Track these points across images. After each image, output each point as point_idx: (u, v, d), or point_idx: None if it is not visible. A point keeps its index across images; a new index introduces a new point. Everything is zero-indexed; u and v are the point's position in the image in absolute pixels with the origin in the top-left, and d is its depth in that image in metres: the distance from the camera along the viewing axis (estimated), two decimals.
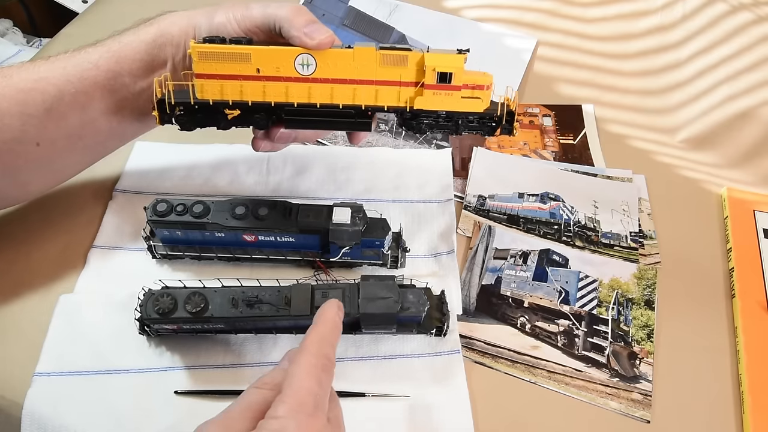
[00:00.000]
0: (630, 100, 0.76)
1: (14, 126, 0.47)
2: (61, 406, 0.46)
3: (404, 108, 0.47)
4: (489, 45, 0.79)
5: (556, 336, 0.54)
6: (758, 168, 0.69)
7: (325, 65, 0.45)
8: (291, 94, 0.46)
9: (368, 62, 0.45)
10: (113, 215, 0.58)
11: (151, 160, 0.63)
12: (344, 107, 0.46)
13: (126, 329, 0.49)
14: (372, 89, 0.46)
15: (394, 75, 0.46)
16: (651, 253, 0.61)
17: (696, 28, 0.83)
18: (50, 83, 0.48)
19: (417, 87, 0.46)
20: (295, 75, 0.45)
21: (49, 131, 0.48)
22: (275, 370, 0.38)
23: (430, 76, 0.45)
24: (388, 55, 0.45)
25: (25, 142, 0.48)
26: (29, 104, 0.47)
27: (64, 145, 0.50)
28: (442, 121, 0.48)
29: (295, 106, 0.46)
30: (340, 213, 0.51)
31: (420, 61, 0.45)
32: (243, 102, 0.46)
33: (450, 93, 0.46)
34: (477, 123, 0.48)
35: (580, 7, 0.85)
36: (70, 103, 0.48)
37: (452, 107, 0.47)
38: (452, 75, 0.45)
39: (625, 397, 0.51)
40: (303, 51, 0.45)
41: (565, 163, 0.68)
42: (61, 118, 0.48)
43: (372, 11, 0.82)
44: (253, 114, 0.47)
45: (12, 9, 1.18)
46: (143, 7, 0.81)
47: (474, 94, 0.46)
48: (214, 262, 0.56)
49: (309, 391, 0.35)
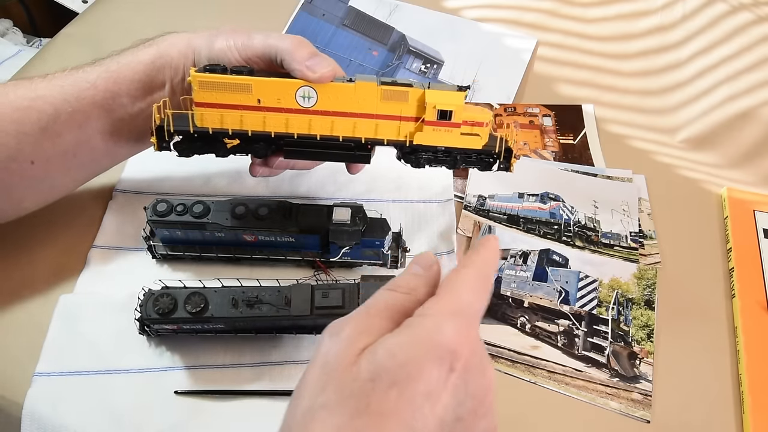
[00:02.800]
0: (630, 100, 0.76)
1: (9, 144, 0.47)
2: (61, 406, 0.46)
3: (404, 142, 0.47)
4: (489, 45, 0.79)
5: (556, 336, 0.54)
6: (758, 168, 0.69)
7: (326, 98, 0.45)
8: (291, 125, 0.46)
9: (369, 96, 0.45)
10: (113, 215, 0.58)
11: (152, 161, 0.63)
12: (344, 140, 0.47)
13: (126, 329, 0.49)
14: (372, 123, 0.46)
15: (394, 110, 0.46)
16: (651, 253, 0.61)
17: (696, 28, 0.83)
18: (47, 102, 0.47)
19: (417, 123, 0.46)
20: (296, 107, 0.45)
21: (45, 149, 0.48)
22: (407, 276, 0.35)
23: (430, 113, 0.45)
24: (389, 90, 0.45)
25: (20, 160, 0.47)
26: (25, 122, 0.47)
27: (59, 163, 0.50)
28: (441, 156, 0.48)
29: (295, 137, 0.46)
30: (340, 213, 0.51)
31: (421, 97, 0.45)
32: (243, 132, 0.46)
33: (449, 130, 0.46)
34: (475, 158, 0.49)
35: (580, 7, 0.85)
36: (67, 121, 0.48)
37: (451, 143, 0.47)
38: (452, 113, 0.45)
39: (625, 397, 0.51)
40: (304, 83, 0.45)
41: (565, 163, 0.68)
42: (57, 136, 0.48)
43: (372, 11, 0.82)
44: (253, 143, 0.47)
45: (12, 9, 1.18)
46: (142, 8, 0.81)
47: (473, 130, 0.46)
48: (214, 262, 0.56)
49: (469, 302, 0.32)
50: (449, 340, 0.30)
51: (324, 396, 0.29)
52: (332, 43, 0.79)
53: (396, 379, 0.28)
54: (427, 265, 0.35)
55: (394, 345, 0.29)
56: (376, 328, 0.31)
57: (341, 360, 0.30)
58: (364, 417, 0.28)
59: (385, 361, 0.29)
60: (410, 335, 0.30)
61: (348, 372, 0.29)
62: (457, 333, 0.30)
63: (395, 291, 0.34)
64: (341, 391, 0.29)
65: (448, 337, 0.30)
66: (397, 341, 0.30)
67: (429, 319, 0.31)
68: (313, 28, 0.80)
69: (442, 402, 0.29)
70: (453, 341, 0.30)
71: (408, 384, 0.28)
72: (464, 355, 0.30)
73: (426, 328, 0.30)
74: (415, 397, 0.28)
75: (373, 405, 0.28)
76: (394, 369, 0.29)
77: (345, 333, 0.31)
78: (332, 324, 0.32)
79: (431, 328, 0.30)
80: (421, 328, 0.30)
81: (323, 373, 0.30)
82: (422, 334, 0.30)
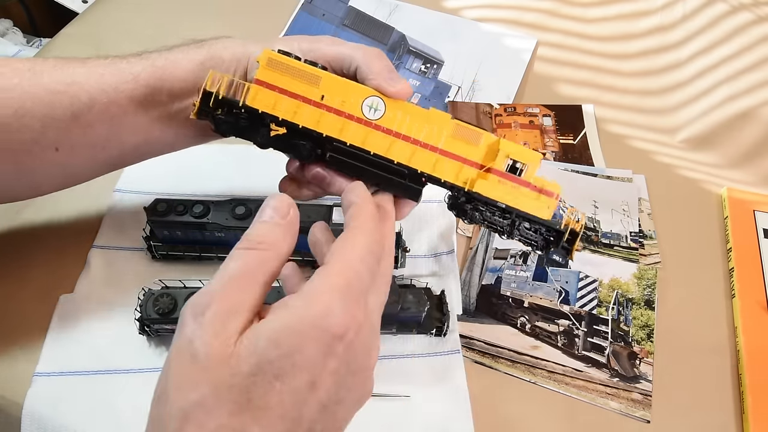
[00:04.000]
0: (630, 100, 0.76)
1: (34, 127, 0.44)
2: (61, 406, 0.46)
3: (462, 188, 0.42)
4: (489, 45, 0.79)
5: (556, 336, 0.54)
6: (758, 168, 0.69)
7: (394, 116, 0.41)
8: (346, 132, 0.41)
9: (440, 128, 0.41)
10: (113, 215, 0.58)
11: (152, 160, 0.63)
12: (398, 164, 0.41)
13: (126, 329, 0.49)
14: (433, 156, 0.41)
15: (461, 150, 0.42)
16: (651, 253, 0.61)
17: (696, 28, 0.83)
18: (83, 89, 0.45)
19: (482, 170, 0.41)
20: (359, 115, 0.41)
21: (72, 138, 0.46)
22: (264, 226, 0.32)
23: (500, 161, 0.41)
24: (462, 127, 0.41)
25: (44, 145, 0.45)
26: (56, 107, 0.44)
27: (85, 153, 0.47)
28: (498, 215, 0.42)
29: (347, 145, 0.41)
30: (340, 213, 0.51)
31: (494, 144, 0.41)
32: (294, 123, 0.42)
33: (517, 187, 0.41)
34: (533, 231, 0.42)
35: (580, 7, 0.85)
36: (101, 112, 0.45)
37: (515, 203, 0.41)
38: (526, 168, 0.41)
39: (625, 397, 0.51)
40: (375, 94, 0.41)
41: (565, 163, 0.68)
42: (88, 126, 0.45)
43: (372, 11, 0.82)
44: (298, 139, 0.42)
45: (12, 9, 1.18)
46: (142, 8, 0.81)
47: (540, 198, 0.41)
48: (214, 262, 0.56)
49: (359, 275, 0.30)
50: (338, 324, 0.28)
51: (197, 392, 0.26)
52: None
53: (280, 372, 0.27)
54: (284, 211, 0.33)
55: (278, 333, 0.28)
56: (245, 304, 0.29)
57: (214, 351, 0.27)
58: (246, 413, 0.26)
59: (268, 353, 0.27)
60: (296, 319, 0.28)
61: (224, 365, 0.27)
62: (345, 315, 0.29)
63: (256, 249, 0.31)
64: (218, 387, 0.26)
65: (336, 321, 0.28)
66: (281, 327, 0.28)
67: (317, 300, 0.29)
68: (313, 28, 0.80)
69: (325, 387, 0.28)
70: (341, 325, 0.28)
71: (293, 375, 0.27)
72: (350, 337, 0.29)
73: (313, 312, 0.28)
74: (300, 388, 0.27)
75: (254, 399, 0.27)
76: (279, 360, 0.27)
77: (211, 313, 0.28)
78: (193, 300, 0.29)
79: (319, 313, 0.28)
80: (308, 312, 0.28)
81: (194, 367, 0.27)
82: (309, 318, 0.28)
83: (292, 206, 0.34)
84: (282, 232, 0.32)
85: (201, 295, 0.29)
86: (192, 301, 0.29)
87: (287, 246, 0.32)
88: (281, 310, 0.29)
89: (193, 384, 0.27)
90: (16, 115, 0.44)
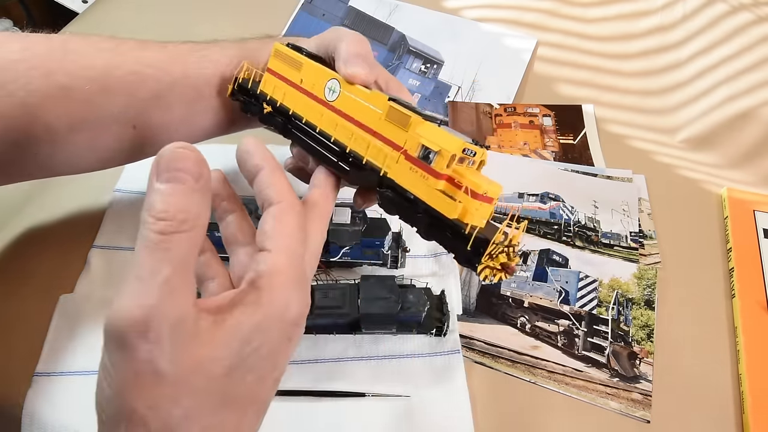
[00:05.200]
0: (630, 100, 0.76)
1: (118, 105, 0.46)
2: (61, 406, 0.46)
3: (379, 170, 0.39)
4: (489, 45, 0.79)
5: (556, 336, 0.54)
6: (758, 168, 0.69)
7: (345, 98, 0.42)
8: (307, 110, 0.44)
9: (376, 110, 0.40)
10: (113, 215, 0.58)
11: (152, 160, 0.63)
12: (333, 142, 0.41)
13: None
14: (368, 138, 0.40)
15: (390, 133, 0.39)
16: (651, 253, 0.61)
17: (696, 28, 0.83)
18: (166, 72, 0.47)
19: (399, 152, 0.38)
20: (321, 96, 0.43)
21: (152, 117, 0.47)
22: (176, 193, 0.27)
23: (413, 146, 0.37)
24: (394, 109, 0.39)
25: (123, 123, 0.47)
26: (140, 88, 0.46)
27: (158, 132, 0.48)
28: (407, 206, 0.37)
29: (302, 122, 0.44)
30: (340, 213, 0.51)
31: (414, 126, 0.37)
32: (274, 101, 0.46)
33: (426, 176, 0.36)
34: (448, 235, 0.35)
35: (580, 7, 0.85)
36: (180, 95, 0.48)
37: (420, 194, 0.36)
38: (435, 155, 0.35)
39: (625, 397, 0.51)
40: (335, 76, 0.43)
41: (565, 163, 0.68)
42: (167, 107, 0.47)
43: (372, 11, 0.82)
44: (277, 115, 0.46)
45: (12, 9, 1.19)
46: (142, 8, 0.81)
47: (452, 192, 0.35)
48: None
49: (301, 258, 0.32)
50: (296, 313, 0.30)
51: (179, 407, 0.26)
52: None
53: (252, 366, 0.29)
54: (197, 172, 0.28)
55: (249, 333, 0.28)
56: (189, 302, 0.26)
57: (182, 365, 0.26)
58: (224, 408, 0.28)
59: (241, 351, 0.28)
60: (262, 318, 0.29)
61: (198, 374, 0.27)
62: (300, 303, 0.31)
63: (182, 232, 0.26)
64: (197, 395, 0.27)
65: (295, 311, 0.30)
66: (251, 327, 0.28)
67: (278, 297, 0.30)
68: (313, 28, 0.80)
69: (282, 365, 0.31)
70: (299, 313, 0.31)
71: (261, 365, 0.29)
72: (302, 319, 0.31)
73: (276, 308, 0.29)
74: (264, 374, 0.30)
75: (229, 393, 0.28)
76: (249, 356, 0.28)
77: (160, 330, 0.25)
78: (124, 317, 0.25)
79: (281, 308, 0.30)
80: (272, 309, 0.29)
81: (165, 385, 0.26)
82: (274, 315, 0.29)
83: (200, 159, 0.28)
84: (201, 197, 0.28)
85: (134, 309, 0.25)
86: (123, 318, 0.25)
87: (208, 210, 0.28)
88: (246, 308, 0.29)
89: (172, 400, 0.26)
90: (101, 92, 0.45)
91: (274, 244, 0.31)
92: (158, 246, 0.26)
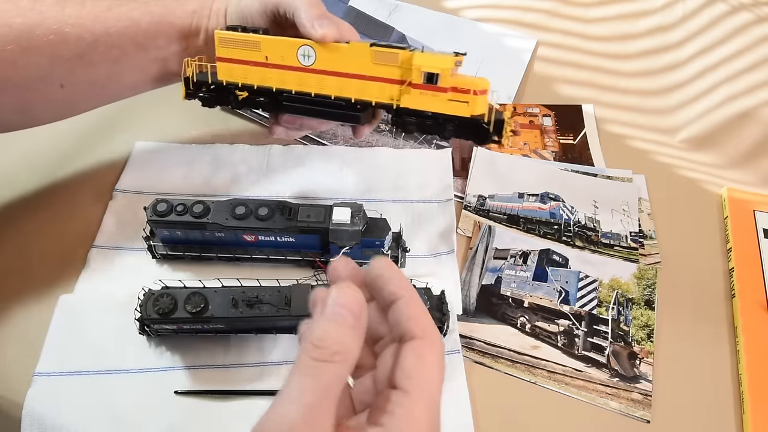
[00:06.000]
0: (630, 100, 0.76)
1: (43, 65, 0.47)
2: (61, 406, 0.46)
3: (390, 105, 0.47)
4: (489, 45, 0.79)
5: (556, 336, 0.54)
6: (758, 168, 0.69)
7: (324, 58, 0.47)
8: (289, 81, 0.48)
9: (362, 58, 0.46)
10: (113, 215, 0.58)
11: (151, 160, 0.63)
12: (336, 99, 0.48)
13: (126, 329, 0.49)
14: (360, 83, 0.47)
15: (385, 72, 0.46)
16: (651, 253, 0.61)
17: (696, 28, 0.83)
18: (88, 30, 0.48)
19: (403, 86, 0.46)
20: (296, 65, 0.48)
21: (77, 75, 0.49)
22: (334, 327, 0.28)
23: (416, 75, 0.45)
24: (380, 52, 0.46)
25: (50, 82, 0.48)
26: (63, 47, 0.47)
27: (86, 90, 0.51)
28: (429, 122, 0.47)
29: (293, 93, 0.48)
30: (340, 213, 0.51)
31: (408, 59, 0.45)
32: (249, 85, 0.49)
33: (436, 94, 0.45)
34: (468, 129, 0.46)
35: (580, 8, 0.85)
36: (104, 53, 0.49)
37: (437, 109, 0.46)
38: (439, 76, 0.44)
39: (625, 397, 0.51)
40: (306, 42, 0.47)
41: (565, 163, 0.68)
42: (91, 65, 0.49)
43: (372, 11, 0.82)
44: (257, 97, 0.50)
45: None
46: None
47: (462, 98, 0.45)
48: (214, 262, 0.56)
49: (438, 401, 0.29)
50: None
51: None
52: None
53: None
54: (357, 311, 0.29)
55: None
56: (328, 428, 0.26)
57: None
58: None
59: None
60: None
61: None
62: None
63: (333, 362, 0.27)
64: None
65: None
66: None
67: None
68: None
69: None
70: None
71: None
72: None
73: None
74: None
75: None
76: None
77: None
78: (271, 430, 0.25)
79: None
80: None
81: None
82: None
83: (362, 303, 0.29)
84: (356, 335, 0.28)
85: (278, 425, 0.26)
86: None
87: (359, 349, 0.28)
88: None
89: None
90: (23, 53, 0.46)
91: (413, 387, 0.28)
92: (307, 368, 0.27)
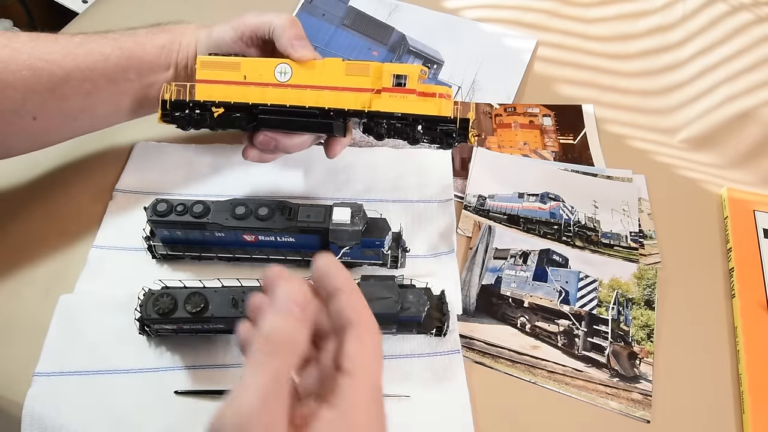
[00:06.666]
0: (630, 100, 0.76)
1: (16, 99, 0.49)
2: (61, 406, 0.46)
3: (362, 111, 0.51)
4: (489, 45, 0.79)
5: (556, 336, 0.54)
6: (758, 168, 0.69)
7: (300, 74, 0.52)
8: (267, 96, 0.52)
9: (335, 71, 0.51)
10: (113, 215, 0.58)
11: (151, 161, 0.63)
12: (309, 108, 0.51)
13: (126, 329, 0.49)
14: (334, 94, 0.51)
15: (356, 83, 0.51)
16: (651, 253, 0.61)
17: (696, 28, 0.83)
18: (59, 66, 0.50)
19: (374, 92, 0.51)
20: (273, 81, 0.52)
21: (49, 108, 0.51)
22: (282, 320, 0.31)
23: (387, 79, 0.50)
24: (352, 64, 0.51)
25: (23, 115, 0.50)
26: (35, 81, 0.49)
27: (59, 122, 0.53)
28: (399, 124, 0.51)
29: (268, 105, 0.51)
30: (340, 213, 0.51)
31: (378, 68, 0.51)
32: (226, 101, 0.52)
33: (405, 96, 0.50)
34: (435, 132, 0.51)
35: (580, 8, 0.85)
36: (75, 87, 0.51)
37: (406, 109, 0.50)
38: (407, 77, 0.50)
39: (625, 397, 0.51)
40: (283, 61, 0.52)
41: (565, 163, 0.68)
42: (64, 99, 0.51)
43: (372, 11, 0.82)
44: (235, 112, 0.52)
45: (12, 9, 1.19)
46: (142, 7, 0.81)
47: (428, 100, 0.50)
48: (214, 262, 0.56)
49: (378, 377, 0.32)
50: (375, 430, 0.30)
51: None
52: (332, 43, 0.79)
53: None
54: (303, 302, 0.31)
55: None
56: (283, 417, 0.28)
57: None
58: None
59: None
60: None
61: None
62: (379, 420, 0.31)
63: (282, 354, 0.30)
64: None
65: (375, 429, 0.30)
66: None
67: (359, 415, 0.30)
68: (314, 28, 0.80)
69: None
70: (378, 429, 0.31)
71: None
72: None
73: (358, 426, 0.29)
74: None
75: None
76: None
77: None
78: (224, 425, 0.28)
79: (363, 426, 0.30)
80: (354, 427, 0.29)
81: None
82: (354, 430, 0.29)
83: (308, 296, 0.32)
84: (303, 327, 0.31)
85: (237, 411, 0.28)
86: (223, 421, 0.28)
87: (306, 339, 0.31)
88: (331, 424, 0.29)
89: None
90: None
91: (357, 367, 0.31)
92: (257, 362, 0.29)
